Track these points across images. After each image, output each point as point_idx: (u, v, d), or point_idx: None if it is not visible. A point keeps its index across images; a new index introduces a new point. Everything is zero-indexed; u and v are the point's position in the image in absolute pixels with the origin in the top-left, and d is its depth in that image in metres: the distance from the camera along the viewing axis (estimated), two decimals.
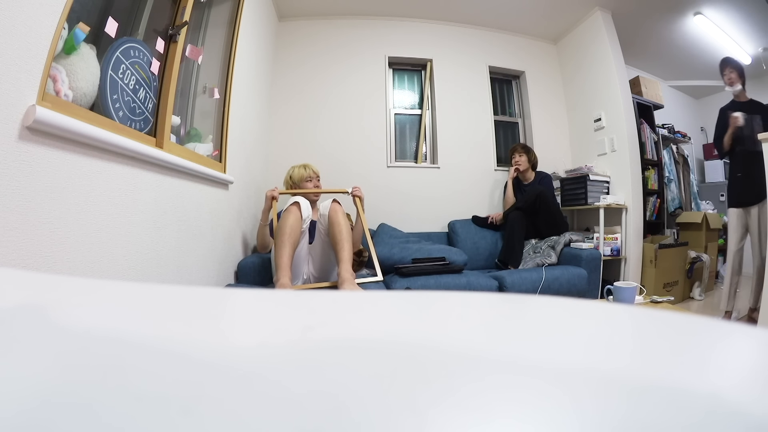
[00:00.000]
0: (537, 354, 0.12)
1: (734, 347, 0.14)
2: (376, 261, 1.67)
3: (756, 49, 3.11)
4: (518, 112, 3.11)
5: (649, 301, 1.37)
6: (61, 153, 0.77)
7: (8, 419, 0.09)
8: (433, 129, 2.86)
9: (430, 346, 0.12)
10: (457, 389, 0.09)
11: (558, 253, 2.15)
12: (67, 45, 0.86)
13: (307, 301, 0.18)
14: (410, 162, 2.84)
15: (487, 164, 2.85)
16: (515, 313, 0.17)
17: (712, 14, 2.73)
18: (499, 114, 3.04)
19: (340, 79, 2.72)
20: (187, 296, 0.20)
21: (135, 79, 1.12)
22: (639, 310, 0.16)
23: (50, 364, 0.11)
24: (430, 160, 2.85)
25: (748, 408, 0.09)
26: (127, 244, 0.98)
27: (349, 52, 2.76)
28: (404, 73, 2.95)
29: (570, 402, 0.09)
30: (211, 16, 1.74)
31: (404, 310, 0.18)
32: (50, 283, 0.21)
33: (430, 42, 2.87)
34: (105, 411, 0.09)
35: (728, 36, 2.93)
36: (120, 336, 0.13)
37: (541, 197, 2.28)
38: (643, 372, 0.10)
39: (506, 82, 3.14)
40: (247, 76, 2.01)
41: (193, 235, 1.34)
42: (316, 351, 0.12)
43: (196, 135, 1.57)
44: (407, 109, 2.91)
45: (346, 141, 2.66)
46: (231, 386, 0.10)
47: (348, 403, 0.09)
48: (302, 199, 1.57)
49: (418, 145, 2.84)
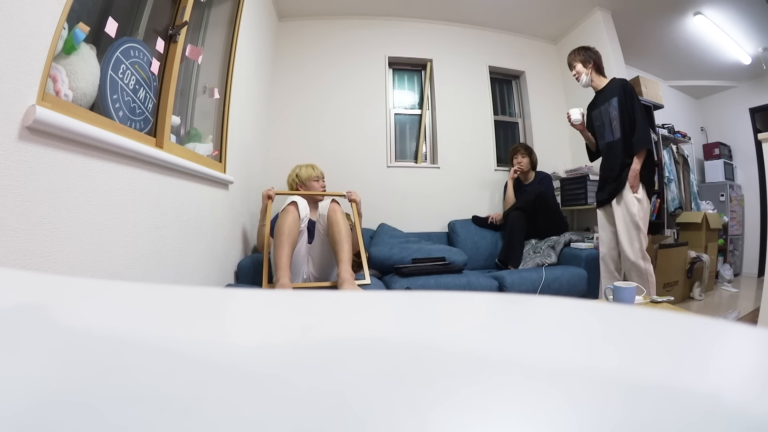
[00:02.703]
0: (537, 354, 0.12)
1: (734, 347, 0.14)
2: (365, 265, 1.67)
3: (756, 49, 3.11)
4: (518, 112, 3.11)
5: (649, 301, 1.37)
6: (61, 153, 0.77)
7: (9, 418, 0.09)
8: (433, 129, 2.86)
9: (430, 345, 0.12)
10: (458, 389, 0.09)
11: (558, 253, 2.15)
12: (67, 45, 0.86)
13: (306, 301, 0.18)
14: (410, 162, 2.84)
15: (487, 164, 2.85)
16: (515, 313, 0.17)
17: (712, 14, 2.73)
18: (499, 114, 3.04)
19: (340, 79, 2.72)
20: (187, 296, 0.20)
21: (135, 79, 1.12)
22: (638, 310, 0.16)
23: (51, 364, 0.11)
24: (430, 160, 2.85)
25: (748, 408, 0.09)
26: (127, 244, 0.98)
27: (349, 52, 2.76)
28: (404, 73, 2.95)
29: (570, 402, 0.09)
30: (211, 16, 1.74)
31: (404, 310, 0.18)
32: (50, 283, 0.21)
33: (430, 42, 2.87)
34: (106, 410, 0.09)
35: (728, 36, 2.93)
36: (120, 335, 0.13)
37: (541, 197, 2.28)
38: (643, 372, 0.10)
39: (506, 82, 3.14)
40: (247, 76, 2.01)
41: (193, 235, 1.34)
42: (316, 350, 0.12)
43: (196, 135, 1.57)
44: (407, 109, 2.91)
45: (346, 141, 2.66)
46: (232, 385, 0.10)
47: (349, 402, 0.09)
48: (300, 199, 1.57)
49: (418, 145, 2.84)
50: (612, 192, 1.76)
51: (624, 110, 1.72)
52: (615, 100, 1.75)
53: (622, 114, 1.72)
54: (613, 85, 1.80)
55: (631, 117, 1.71)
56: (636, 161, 1.69)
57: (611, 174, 1.77)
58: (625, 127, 1.72)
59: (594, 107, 1.89)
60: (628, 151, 1.71)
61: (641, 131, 1.69)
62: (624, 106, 1.72)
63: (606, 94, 1.81)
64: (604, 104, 1.82)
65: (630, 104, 1.72)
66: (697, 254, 2.59)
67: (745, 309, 2.24)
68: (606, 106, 1.80)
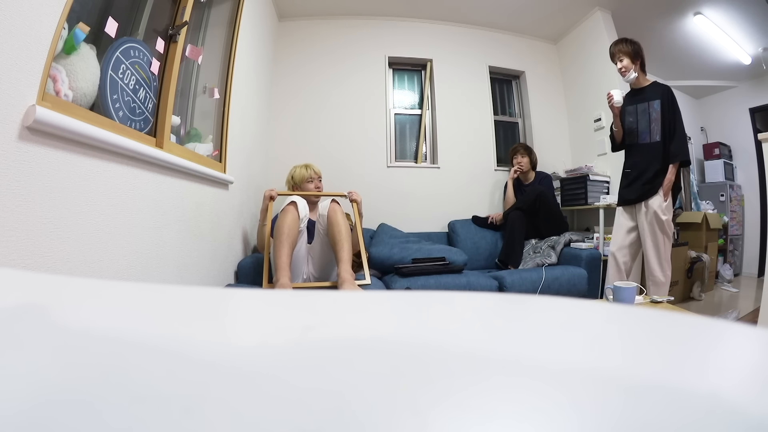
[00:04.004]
0: (537, 354, 0.12)
1: (734, 347, 0.14)
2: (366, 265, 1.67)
3: (756, 49, 3.11)
4: (518, 112, 3.11)
5: (649, 301, 1.37)
6: (61, 153, 0.77)
7: (9, 418, 0.09)
8: (433, 129, 2.86)
9: (430, 345, 0.12)
10: (458, 389, 0.09)
11: (558, 253, 2.15)
12: (67, 45, 0.86)
13: (306, 301, 0.18)
14: (410, 162, 2.84)
15: (487, 164, 2.85)
16: (515, 313, 0.17)
17: (712, 14, 2.73)
18: (499, 114, 3.04)
19: (340, 79, 2.72)
20: (187, 296, 0.20)
21: (135, 79, 1.12)
22: (639, 310, 0.16)
23: (51, 364, 0.11)
24: (430, 160, 2.85)
25: (748, 408, 0.09)
26: (128, 244, 0.98)
27: (349, 52, 2.76)
28: (404, 73, 2.95)
29: (570, 402, 0.09)
30: (211, 16, 1.74)
31: (404, 310, 0.18)
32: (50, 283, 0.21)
33: (430, 42, 2.87)
34: (106, 410, 0.09)
35: (728, 36, 2.93)
36: (120, 336, 0.13)
37: (541, 197, 2.28)
38: (643, 372, 0.10)
39: (506, 82, 3.14)
40: (247, 76, 2.01)
41: (193, 235, 1.34)
42: (316, 350, 0.12)
43: (196, 135, 1.57)
44: (407, 109, 2.91)
45: (346, 141, 2.66)
46: (232, 385, 0.10)
47: (350, 402, 0.09)
48: (299, 199, 1.57)
49: (418, 145, 2.84)
50: (643, 194, 1.75)
51: (666, 116, 1.72)
52: (657, 103, 1.74)
53: (664, 119, 1.72)
54: (656, 88, 1.79)
55: (671, 125, 1.71)
56: (672, 170, 1.70)
57: (645, 175, 1.75)
58: (665, 133, 1.72)
59: (629, 103, 1.85)
60: (666, 157, 1.72)
61: (681, 141, 1.71)
62: (666, 112, 1.72)
63: (646, 94, 1.79)
64: (642, 103, 1.79)
65: (672, 112, 1.72)
66: (697, 254, 2.59)
67: (745, 309, 2.24)
68: (645, 105, 1.78)
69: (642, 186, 1.75)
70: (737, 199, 3.64)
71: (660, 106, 1.73)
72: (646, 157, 1.77)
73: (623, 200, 1.85)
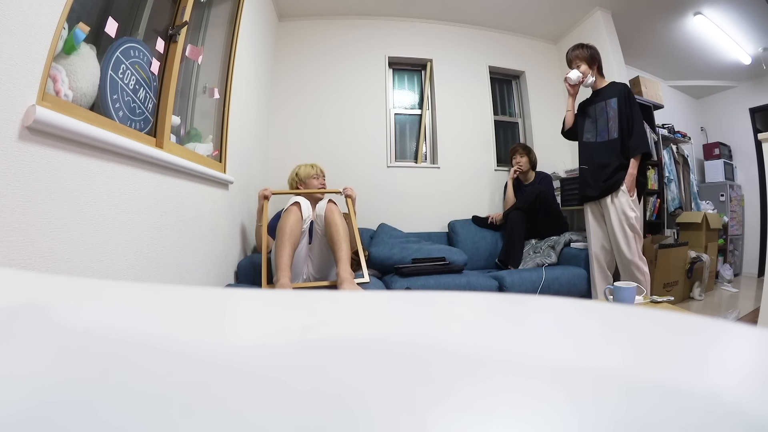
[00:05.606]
0: (537, 354, 0.12)
1: (734, 347, 0.14)
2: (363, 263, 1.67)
3: (756, 49, 3.11)
4: (518, 112, 3.11)
5: (649, 301, 1.37)
6: (61, 153, 0.77)
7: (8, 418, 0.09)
8: (433, 129, 2.86)
9: (430, 345, 0.12)
10: (457, 389, 0.09)
11: (558, 253, 2.15)
12: (67, 45, 0.86)
13: (306, 301, 0.18)
14: (410, 162, 2.84)
15: (487, 164, 2.85)
16: (515, 313, 0.17)
17: (712, 14, 2.73)
18: (499, 114, 3.04)
19: (340, 79, 2.72)
20: (187, 296, 0.20)
21: (135, 79, 1.12)
22: (638, 310, 0.16)
23: (50, 364, 0.11)
24: (430, 160, 2.85)
25: (748, 408, 0.09)
26: (127, 244, 0.98)
27: (349, 52, 2.76)
28: (404, 73, 2.95)
29: (569, 402, 0.09)
30: (211, 16, 1.74)
31: (404, 310, 0.18)
32: (50, 283, 0.21)
33: (430, 42, 2.87)
34: (105, 411, 0.09)
35: (728, 36, 2.93)
36: (120, 336, 0.13)
37: (541, 197, 2.28)
38: (643, 372, 0.10)
39: (506, 82, 3.14)
40: (247, 76, 2.01)
41: (193, 235, 1.34)
42: (316, 350, 0.12)
43: (196, 135, 1.57)
44: (407, 109, 2.91)
45: (346, 141, 2.66)
46: (231, 385, 0.10)
47: (349, 403, 0.09)
48: (303, 199, 1.57)
49: (418, 145, 2.84)
50: (604, 190, 1.78)
51: (623, 113, 1.74)
52: (614, 101, 1.77)
53: (621, 116, 1.74)
54: (612, 87, 1.83)
55: (629, 121, 1.74)
56: (633, 164, 1.72)
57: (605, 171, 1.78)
58: (623, 129, 1.74)
59: (588, 104, 1.92)
60: (625, 153, 1.74)
61: (640, 135, 1.72)
62: (623, 109, 1.74)
63: (604, 95, 1.84)
64: (600, 103, 1.84)
65: (629, 109, 1.74)
66: (697, 254, 2.59)
67: (745, 309, 2.23)
68: (603, 105, 1.82)
69: (603, 182, 1.78)
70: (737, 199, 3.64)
71: (617, 104, 1.76)
72: (606, 153, 1.80)
73: (586, 197, 1.89)
